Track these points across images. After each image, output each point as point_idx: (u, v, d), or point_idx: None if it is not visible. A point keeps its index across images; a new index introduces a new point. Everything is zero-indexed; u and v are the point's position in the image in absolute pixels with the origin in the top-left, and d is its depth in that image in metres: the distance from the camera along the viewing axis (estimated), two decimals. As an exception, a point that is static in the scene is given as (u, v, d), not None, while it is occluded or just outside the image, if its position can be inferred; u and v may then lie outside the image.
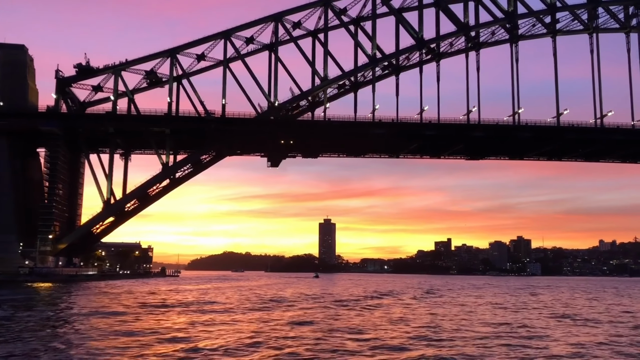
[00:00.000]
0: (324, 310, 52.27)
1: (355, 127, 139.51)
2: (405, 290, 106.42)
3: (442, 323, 42.71)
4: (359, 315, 47.90)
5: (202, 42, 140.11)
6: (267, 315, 46.28)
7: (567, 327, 42.78)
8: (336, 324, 40.80)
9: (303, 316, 44.52)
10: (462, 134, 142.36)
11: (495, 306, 63.88)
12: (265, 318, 44.37)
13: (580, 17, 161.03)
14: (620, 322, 47.18)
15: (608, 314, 55.81)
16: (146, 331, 35.24)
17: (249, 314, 47.25)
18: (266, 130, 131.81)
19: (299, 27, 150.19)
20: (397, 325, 39.78)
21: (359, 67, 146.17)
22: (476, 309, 57.58)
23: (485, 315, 50.00)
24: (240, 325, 39.61)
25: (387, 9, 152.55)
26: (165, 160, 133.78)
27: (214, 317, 44.00)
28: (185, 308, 53.64)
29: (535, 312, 56.03)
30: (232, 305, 58.03)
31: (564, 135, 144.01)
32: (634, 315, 55.62)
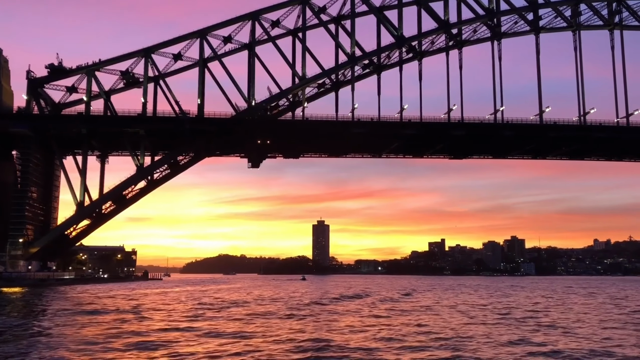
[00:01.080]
0: (249, 318, 50.00)
1: (334, 127, 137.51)
2: (381, 292, 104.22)
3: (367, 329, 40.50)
4: (285, 321, 45.62)
5: (178, 41, 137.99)
6: (182, 324, 43.91)
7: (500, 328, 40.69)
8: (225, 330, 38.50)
9: (217, 326, 41.70)
10: (442, 133, 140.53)
11: (452, 309, 61.73)
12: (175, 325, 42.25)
13: (563, 14, 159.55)
14: (542, 323, 45.40)
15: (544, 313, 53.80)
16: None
17: (170, 322, 44.72)
18: (242, 130, 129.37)
19: (277, 25, 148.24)
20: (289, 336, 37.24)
21: (338, 66, 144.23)
22: (425, 314, 55.44)
23: (428, 321, 47.78)
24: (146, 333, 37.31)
25: (367, 7, 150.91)
26: (140, 162, 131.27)
27: (127, 326, 41.36)
28: (107, 315, 50.84)
29: (481, 314, 53.98)
30: (167, 312, 55.60)
31: (546, 133, 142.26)
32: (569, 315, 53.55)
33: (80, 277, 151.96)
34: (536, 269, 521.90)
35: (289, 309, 58.61)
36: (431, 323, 44.43)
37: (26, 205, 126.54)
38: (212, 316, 50.06)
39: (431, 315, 52.41)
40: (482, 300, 78.77)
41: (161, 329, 39.13)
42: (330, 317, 49.78)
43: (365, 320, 46.93)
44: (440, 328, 40.90)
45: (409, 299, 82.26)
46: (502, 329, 41.24)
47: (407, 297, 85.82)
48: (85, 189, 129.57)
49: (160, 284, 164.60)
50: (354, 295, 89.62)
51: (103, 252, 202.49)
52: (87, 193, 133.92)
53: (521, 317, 50.61)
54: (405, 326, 42.06)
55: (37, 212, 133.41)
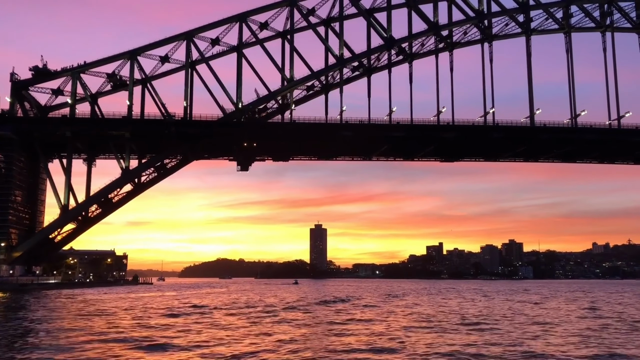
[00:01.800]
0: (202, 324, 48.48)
1: (321, 129, 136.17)
2: (365, 296, 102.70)
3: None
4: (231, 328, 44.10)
5: (164, 43, 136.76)
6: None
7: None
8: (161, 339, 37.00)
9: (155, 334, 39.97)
10: (432, 135, 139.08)
11: (414, 313, 60.27)
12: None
13: (554, 15, 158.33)
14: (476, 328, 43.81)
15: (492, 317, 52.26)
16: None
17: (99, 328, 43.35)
18: (227, 133, 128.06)
19: (266, 28, 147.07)
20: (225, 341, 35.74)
21: (327, 68, 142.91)
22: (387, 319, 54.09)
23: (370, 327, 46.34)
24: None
25: (357, 10, 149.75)
26: (125, 165, 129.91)
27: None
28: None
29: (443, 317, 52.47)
30: (109, 315, 54.38)
31: (536, 135, 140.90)
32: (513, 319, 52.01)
33: (66, 281, 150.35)
34: (534, 273, 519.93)
35: (243, 315, 56.93)
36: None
37: (9, 209, 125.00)
38: (153, 323, 48.23)
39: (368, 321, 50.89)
40: (427, 308, 77.18)
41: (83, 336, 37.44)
42: (267, 327, 47.99)
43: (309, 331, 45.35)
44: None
45: (385, 303, 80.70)
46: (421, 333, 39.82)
47: (382, 303, 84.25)
48: (69, 192, 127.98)
49: (147, 288, 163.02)
50: (335, 300, 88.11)
51: (93, 256, 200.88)
52: (74, 196, 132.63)
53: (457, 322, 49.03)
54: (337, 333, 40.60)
55: (22, 215, 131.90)
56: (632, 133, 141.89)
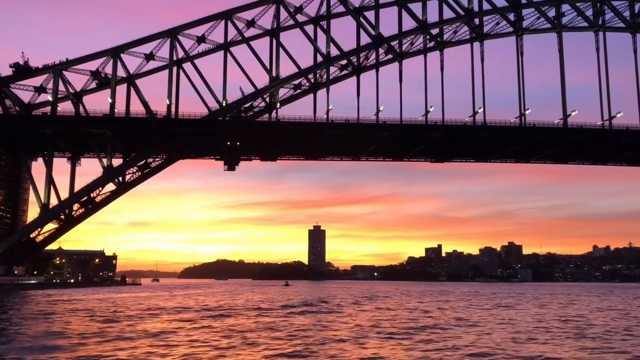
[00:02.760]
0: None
1: (307, 128, 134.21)
2: (345, 298, 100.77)
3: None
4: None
5: (148, 40, 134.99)
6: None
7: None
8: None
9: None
10: (419, 135, 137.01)
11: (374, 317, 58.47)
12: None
13: (546, 14, 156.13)
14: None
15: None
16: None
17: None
18: (210, 132, 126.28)
19: (253, 25, 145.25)
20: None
21: (314, 66, 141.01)
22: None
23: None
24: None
25: (345, 8, 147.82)
26: (107, 163, 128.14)
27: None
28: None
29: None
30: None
31: (526, 135, 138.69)
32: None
33: (48, 282, 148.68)
34: (533, 275, 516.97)
35: (177, 320, 55.02)
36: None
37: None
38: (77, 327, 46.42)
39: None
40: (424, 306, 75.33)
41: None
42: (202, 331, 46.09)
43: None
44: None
45: (357, 306, 78.83)
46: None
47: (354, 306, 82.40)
48: (49, 191, 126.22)
49: (132, 289, 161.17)
50: (306, 303, 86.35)
51: (82, 256, 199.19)
52: (57, 195, 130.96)
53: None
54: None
55: (2, 215, 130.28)
56: (621, 134, 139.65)
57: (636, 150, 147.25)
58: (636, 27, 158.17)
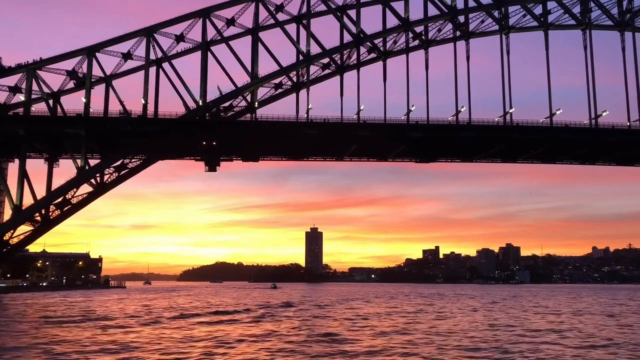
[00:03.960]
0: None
1: (286, 128, 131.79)
2: (316, 301, 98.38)
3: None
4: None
5: (124, 39, 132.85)
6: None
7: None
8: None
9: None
10: (400, 135, 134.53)
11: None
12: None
13: (532, 11, 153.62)
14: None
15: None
16: None
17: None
18: (185, 131, 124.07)
19: (233, 24, 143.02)
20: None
21: (294, 64, 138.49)
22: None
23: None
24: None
25: (326, 7, 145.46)
26: (81, 164, 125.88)
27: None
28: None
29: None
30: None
31: (509, 134, 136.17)
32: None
33: (28, 285, 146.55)
34: (532, 277, 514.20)
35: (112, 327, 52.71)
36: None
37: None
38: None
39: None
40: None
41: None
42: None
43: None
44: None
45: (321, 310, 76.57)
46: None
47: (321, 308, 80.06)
48: (22, 192, 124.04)
49: (111, 292, 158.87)
50: (263, 306, 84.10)
51: (66, 259, 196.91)
52: (34, 197, 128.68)
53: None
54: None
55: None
56: (607, 132, 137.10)
57: (624, 150, 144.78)
58: (624, 25, 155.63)
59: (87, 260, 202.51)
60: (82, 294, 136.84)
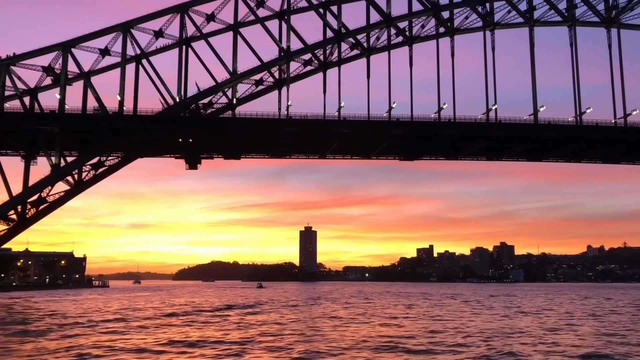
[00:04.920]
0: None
1: (265, 125, 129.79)
2: (286, 301, 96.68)
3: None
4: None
5: (99, 34, 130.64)
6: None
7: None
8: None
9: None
10: (381, 132, 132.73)
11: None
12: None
13: (517, 7, 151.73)
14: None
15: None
16: None
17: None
18: (158, 128, 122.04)
19: (213, 19, 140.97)
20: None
21: (273, 61, 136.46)
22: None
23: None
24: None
25: (307, 3, 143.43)
26: (55, 162, 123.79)
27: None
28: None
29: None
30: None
31: (492, 132, 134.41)
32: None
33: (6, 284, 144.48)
34: (526, 276, 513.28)
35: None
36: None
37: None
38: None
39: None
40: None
41: None
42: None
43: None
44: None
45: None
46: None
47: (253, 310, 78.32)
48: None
49: (90, 291, 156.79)
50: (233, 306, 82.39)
51: (50, 258, 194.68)
52: (10, 195, 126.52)
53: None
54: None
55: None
56: (591, 130, 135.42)
57: (608, 147, 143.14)
58: (611, 22, 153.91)
59: (70, 259, 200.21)
60: (54, 294, 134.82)
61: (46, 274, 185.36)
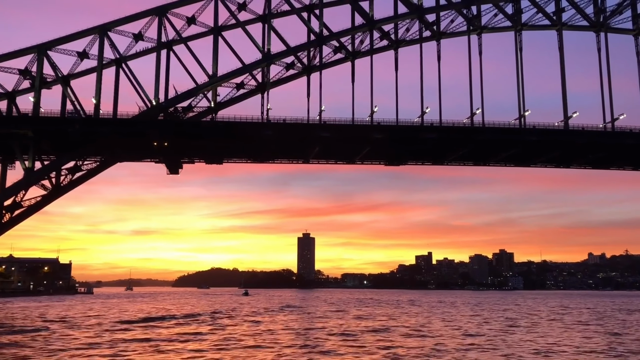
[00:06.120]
0: None
1: (243, 128, 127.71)
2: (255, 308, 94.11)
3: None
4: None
5: (76, 37, 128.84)
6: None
7: None
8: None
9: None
10: (363, 136, 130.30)
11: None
12: None
13: (504, 10, 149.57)
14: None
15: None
16: None
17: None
18: (132, 132, 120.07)
19: (194, 23, 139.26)
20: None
21: (252, 64, 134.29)
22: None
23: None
24: None
25: (289, 7, 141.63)
26: (29, 166, 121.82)
27: None
28: None
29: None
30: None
31: (474, 136, 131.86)
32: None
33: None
34: (525, 283, 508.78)
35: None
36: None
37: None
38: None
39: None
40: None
41: None
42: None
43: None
44: None
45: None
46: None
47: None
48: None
49: (68, 299, 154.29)
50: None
51: (34, 264, 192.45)
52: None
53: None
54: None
55: None
56: (576, 134, 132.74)
57: (595, 152, 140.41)
58: (599, 26, 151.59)
59: (55, 265, 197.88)
60: (29, 300, 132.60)
61: (30, 281, 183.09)
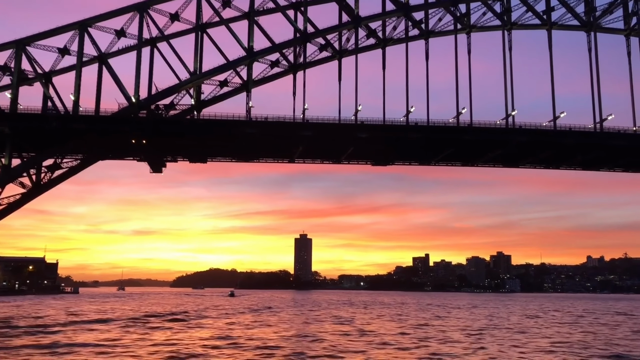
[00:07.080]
0: None
1: (224, 126, 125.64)
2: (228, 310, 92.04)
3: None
4: None
5: (56, 33, 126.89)
6: None
7: None
8: None
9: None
10: (347, 136, 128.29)
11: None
12: None
13: (493, 8, 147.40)
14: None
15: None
16: None
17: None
18: (109, 129, 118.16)
19: (177, 19, 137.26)
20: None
21: (235, 61, 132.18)
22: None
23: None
24: None
25: (273, 4, 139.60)
26: (5, 163, 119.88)
27: None
28: None
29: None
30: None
31: (461, 136, 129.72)
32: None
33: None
34: (523, 286, 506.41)
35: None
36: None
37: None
38: None
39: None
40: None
41: None
42: None
43: None
44: None
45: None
46: None
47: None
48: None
49: (50, 298, 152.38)
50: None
51: (20, 263, 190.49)
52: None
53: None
54: None
55: None
56: (563, 134, 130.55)
57: (584, 153, 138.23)
58: (590, 25, 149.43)
59: (41, 264, 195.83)
60: (5, 300, 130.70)
61: (14, 280, 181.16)
